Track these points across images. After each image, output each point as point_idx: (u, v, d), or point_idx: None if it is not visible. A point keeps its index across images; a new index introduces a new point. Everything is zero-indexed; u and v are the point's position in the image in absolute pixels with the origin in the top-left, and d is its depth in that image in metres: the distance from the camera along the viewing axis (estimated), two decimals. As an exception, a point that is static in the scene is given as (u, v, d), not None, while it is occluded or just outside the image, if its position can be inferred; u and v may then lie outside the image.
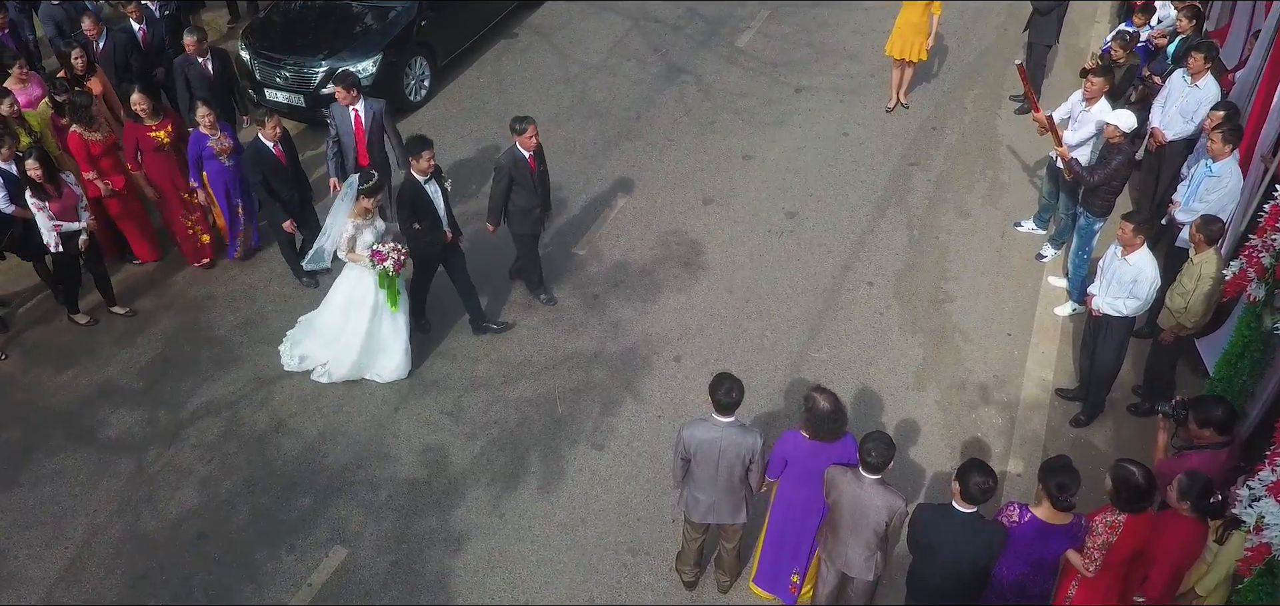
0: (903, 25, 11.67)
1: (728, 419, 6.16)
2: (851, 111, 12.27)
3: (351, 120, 9.46)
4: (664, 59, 13.44)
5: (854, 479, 5.91)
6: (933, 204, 10.71)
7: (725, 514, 6.50)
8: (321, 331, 8.72)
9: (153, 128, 9.22)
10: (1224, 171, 8.13)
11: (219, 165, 9.30)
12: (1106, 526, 5.54)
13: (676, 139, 11.84)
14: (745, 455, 6.20)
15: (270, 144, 8.91)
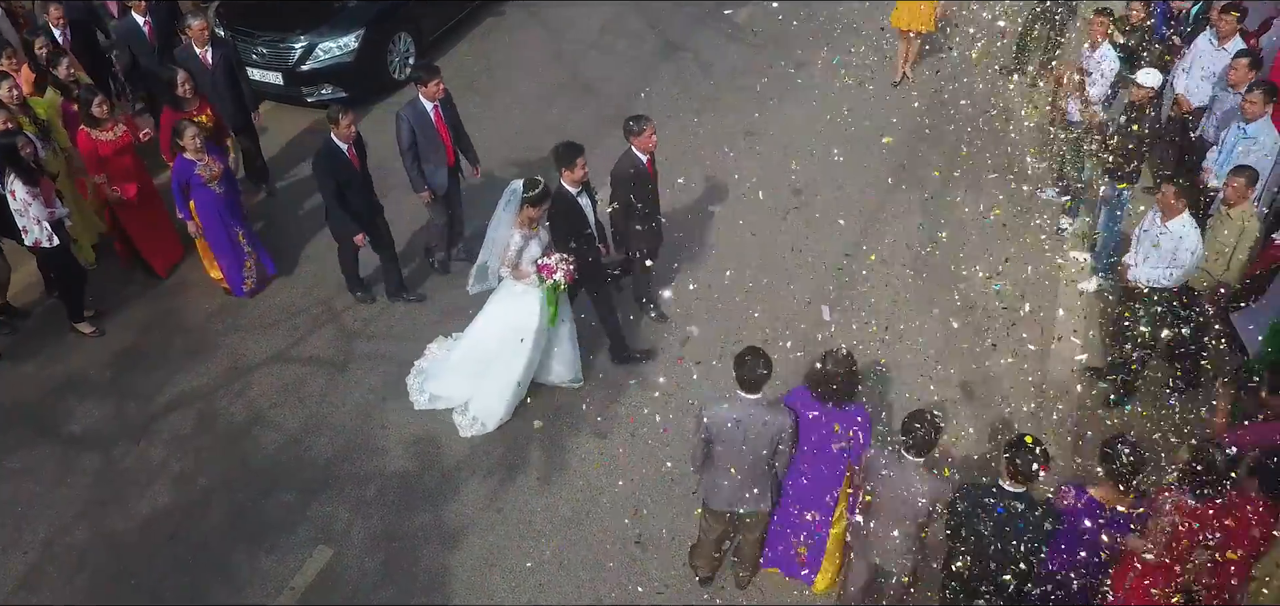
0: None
1: (754, 396, 5.65)
2: (850, 90, 11.72)
3: (433, 117, 8.42)
4: (660, 36, 12.91)
5: (895, 462, 5.45)
6: (945, 178, 10.21)
7: (750, 501, 5.97)
8: (464, 366, 7.70)
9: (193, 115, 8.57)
10: (1260, 132, 7.70)
11: (210, 194, 8.22)
12: (1174, 507, 5.04)
13: (676, 116, 11.31)
14: (774, 436, 5.69)
15: (344, 146, 7.91)
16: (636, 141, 7.71)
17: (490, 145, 10.35)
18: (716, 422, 5.72)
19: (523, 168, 10.37)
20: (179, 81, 8.55)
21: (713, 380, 7.69)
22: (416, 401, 7.80)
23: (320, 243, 9.32)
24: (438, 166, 8.49)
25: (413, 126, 8.24)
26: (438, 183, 8.55)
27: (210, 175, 8.15)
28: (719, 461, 5.86)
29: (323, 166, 7.92)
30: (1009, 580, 5.26)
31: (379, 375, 8.06)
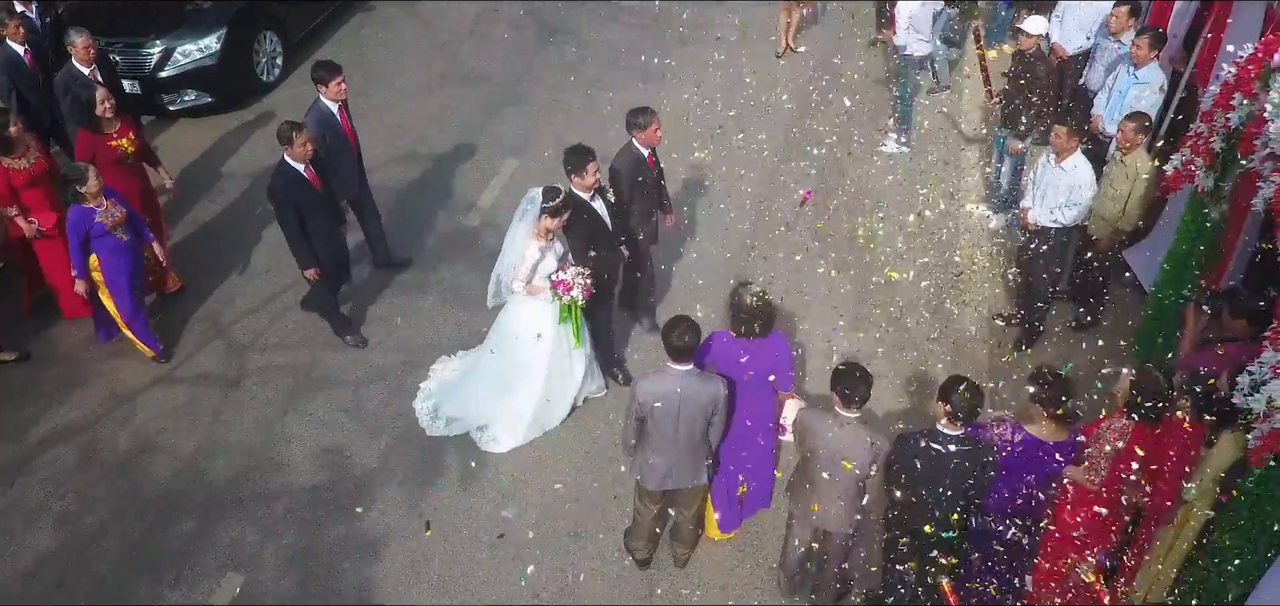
0: None
1: (685, 366, 5.46)
2: (744, 59, 11.74)
3: (338, 118, 7.81)
4: (538, 21, 12.62)
5: (832, 421, 5.33)
6: (841, 142, 10.28)
7: (685, 476, 5.79)
8: (482, 386, 7.18)
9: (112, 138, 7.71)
10: (1151, 77, 7.95)
11: (114, 243, 7.21)
12: (1114, 432, 5.10)
13: (564, 99, 11.06)
14: (707, 405, 5.53)
15: (301, 166, 7.12)
16: (640, 135, 7.23)
17: (373, 142, 9.90)
18: (649, 397, 5.51)
19: (410, 161, 10.00)
20: (99, 100, 7.59)
21: (635, 361, 7.52)
22: (430, 428, 7.21)
23: (203, 252, 8.78)
24: (348, 171, 8.00)
25: (320, 130, 7.67)
26: (349, 187, 8.06)
27: (113, 222, 7.13)
28: (653, 438, 5.65)
29: (281, 195, 7.11)
30: (956, 519, 5.24)
31: (276, 388, 7.56)
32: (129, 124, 7.95)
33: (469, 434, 7.17)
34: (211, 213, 9.35)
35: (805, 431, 5.47)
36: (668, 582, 6.30)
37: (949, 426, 5.10)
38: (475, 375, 7.28)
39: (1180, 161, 6.66)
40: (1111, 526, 5.49)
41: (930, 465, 5.13)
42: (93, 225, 7.03)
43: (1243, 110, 5.92)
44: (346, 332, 7.92)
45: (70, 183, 6.95)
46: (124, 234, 7.22)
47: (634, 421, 5.64)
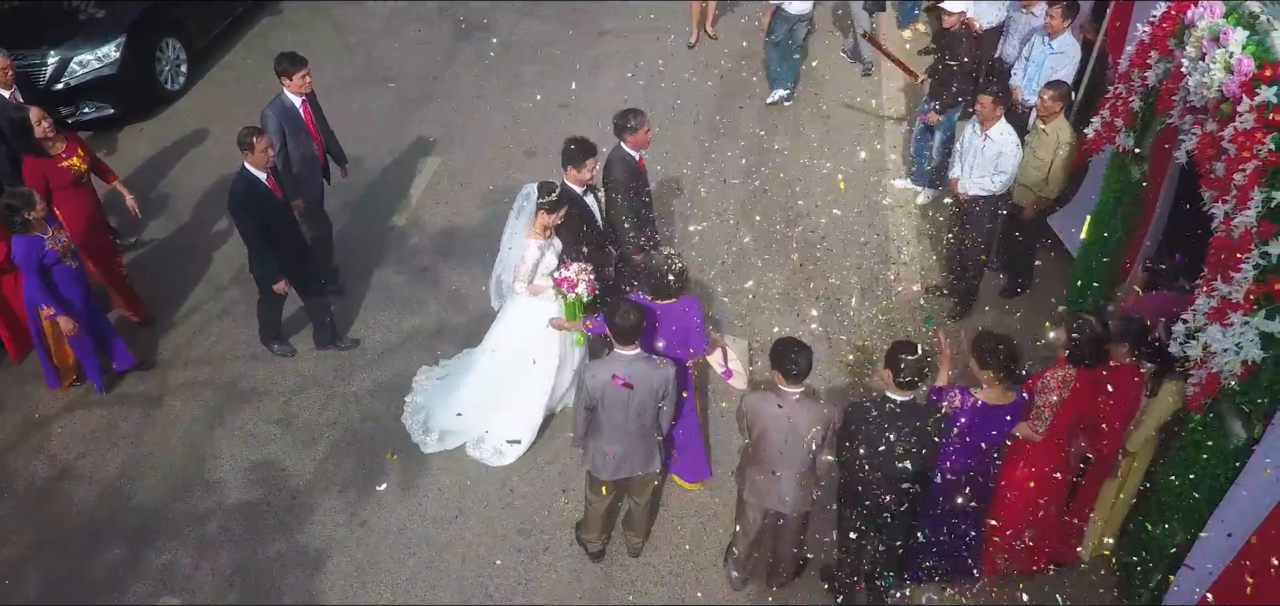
0: None
1: (633, 350, 5.37)
2: (663, 49, 11.70)
3: (302, 113, 7.50)
4: (452, 18, 12.37)
5: (777, 399, 5.26)
6: (764, 128, 10.29)
7: (638, 464, 5.70)
8: (476, 396, 6.86)
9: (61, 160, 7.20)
10: (1066, 46, 8.12)
11: (66, 272, 6.68)
12: (1058, 381, 5.18)
13: (484, 95, 10.88)
14: (658, 390, 5.44)
15: (262, 175, 6.76)
16: (631, 139, 6.92)
17: None
18: (598, 385, 5.40)
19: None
20: (35, 122, 7.08)
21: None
22: (424, 443, 6.90)
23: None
24: (310, 169, 7.66)
25: (282, 124, 7.35)
26: (313, 186, 7.73)
27: (63, 248, 6.62)
28: (603, 427, 5.55)
29: (243, 204, 6.73)
30: (907, 488, 5.25)
31: (201, 404, 7.25)
32: (74, 140, 7.48)
33: (464, 448, 6.89)
34: (124, 227, 8.90)
35: (752, 415, 5.39)
36: (623, 573, 6.21)
37: (897, 392, 5.10)
38: (471, 382, 6.93)
39: (1100, 123, 6.83)
40: (1061, 479, 5.57)
41: (881, 432, 5.11)
42: (45, 253, 6.51)
43: (1159, 68, 6.09)
44: (275, 341, 7.61)
45: (15, 210, 6.35)
46: (73, 261, 6.75)
47: (583, 411, 5.52)
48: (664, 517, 6.50)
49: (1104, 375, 5.33)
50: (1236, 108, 4.89)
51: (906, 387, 5.07)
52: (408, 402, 7.18)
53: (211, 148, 10.02)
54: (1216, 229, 5.03)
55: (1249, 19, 5.12)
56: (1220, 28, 5.20)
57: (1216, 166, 5.07)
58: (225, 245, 8.67)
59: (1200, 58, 5.35)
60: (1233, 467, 4.91)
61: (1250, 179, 4.74)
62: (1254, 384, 4.67)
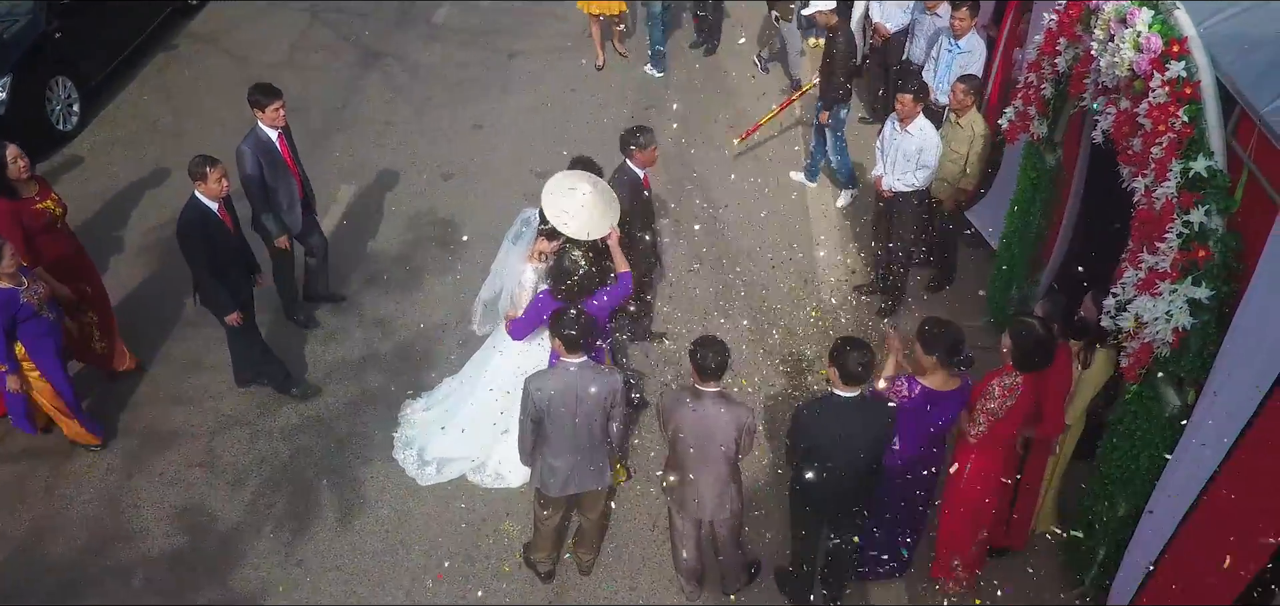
0: None
1: (579, 359, 5.27)
2: (574, 69, 11.66)
3: (278, 146, 7.26)
4: (356, 46, 12.14)
5: (691, 398, 5.18)
6: (682, 142, 10.32)
7: (588, 479, 5.56)
8: (474, 424, 6.60)
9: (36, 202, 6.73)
10: (973, 45, 8.34)
11: (43, 326, 6.34)
12: (1003, 390, 5.18)
13: (394, 121, 10.67)
14: (605, 398, 5.32)
15: (214, 205, 6.54)
16: (639, 156, 6.93)
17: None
18: (545, 395, 5.27)
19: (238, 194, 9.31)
20: (10, 160, 6.59)
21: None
22: (420, 477, 6.68)
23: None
24: (290, 203, 7.40)
25: (258, 159, 7.10)
26: (292, 222, 7.48)
27: (40, 299, 6.29)
28: (551, 440, 5.41)
29: (194, 233, 6.48)
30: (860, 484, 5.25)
31: (116, 452, 6.88)
32: (46, 183, 7.06)
33: (465, 477, 6.70)
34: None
35: (666, 414, 5.31)
36: (575, 593, 6.08)
37: (844, 389, 5.09)
38: (469, 412, 6.66)
39: (1014, 113, 7.02)
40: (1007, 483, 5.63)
41: (830, 429, 5.09)
42: (19, 307, 6.14)
43: (1068, 54, 6.28)
44: (293, 385, 7.31)
45: None
46: (50, 312, 6.39)
47: (529, 423, 5.39)
48: (615, 533, 6.39)
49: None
50: (1149, 84, 5.06)
51: (854, 382, 5.06)
52: (397, 438, 6.94)
53: (111, 187, 9.60)
54: (1138, 203, 5.18)
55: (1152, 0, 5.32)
56: (1126, 9, 5.38)
57: (1134, 142, 5.24)
58: (137, 285, 8.31)
59: (1109, 39, 5.53)
60: (1170, 437, 5.03)
61: (1168, 151, 4.90)
62: (1184, 350, 4.82)
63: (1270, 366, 4.24)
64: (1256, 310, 4.47)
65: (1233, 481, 4.51)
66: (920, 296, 8.21)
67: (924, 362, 5.32)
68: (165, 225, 8.07)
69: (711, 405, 5.14)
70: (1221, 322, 4.73)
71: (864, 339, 5.25)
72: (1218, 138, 4.80)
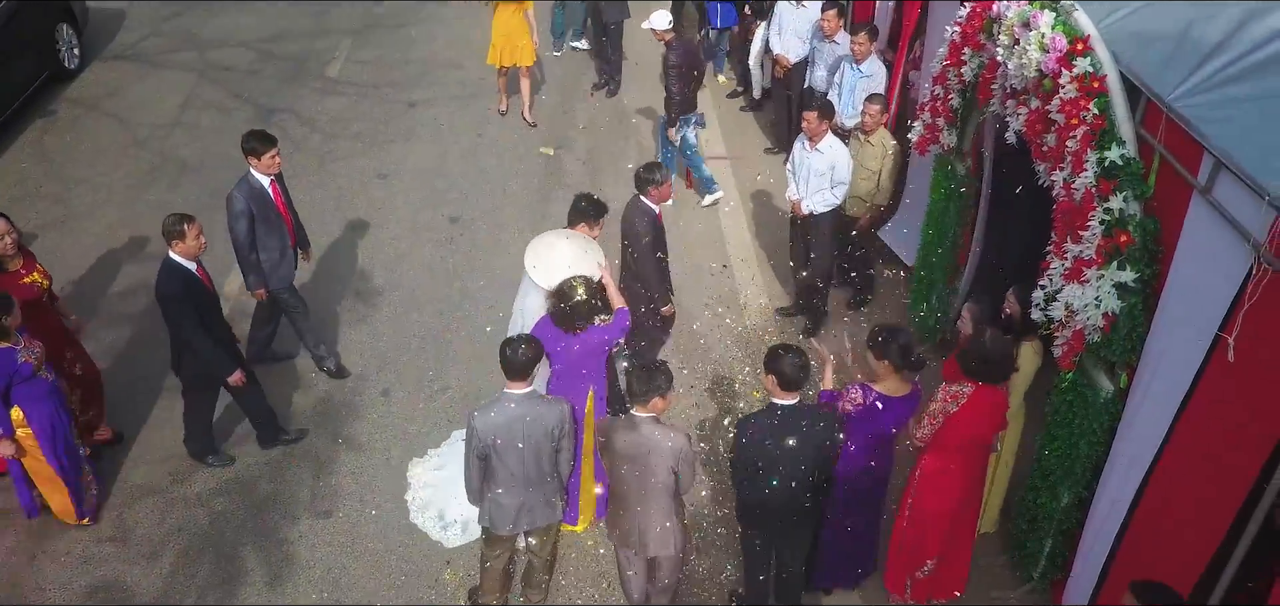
0: (502, 32, 10.80)
1: (525, 387, 5.12)
2: (478, 114, 11.59)
3: (271, 193, 7.04)
4: (249, 103, 11.79)
5: (626, 426, 5.04)
6: (592, 180, 10.32)
7: (539, 514, 5.38)
8: None
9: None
10: (874, 69, 8.57)
11: (43, 387, 5.99)
12: (948, 394, 5.23)
13: (295, 174, 10.28)
14: (553, 429, 5.15)
15: (191, 265, 6.23)
16: (654, 192, 6.88)
17: (87, 246, 9.00)
18: (487, 429, 5.10)
19: (135, 258, 8.93)
20: (1, 232, 6.25)
21: (436, 411, 7.09)
22: (445, 539, 6.38)
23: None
24: (283, 253, 7.12)
25: (249, 206, 6.85)
26: (284, 273, 7.18)
27: (39, 361, 5.93)
28: (498, 475, 5.22)
29: (176, 295, 6.14)
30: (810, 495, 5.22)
31: (17, 533, 6.40)
32: (30, 255, 6.63)
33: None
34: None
35: (604, 442, 5.18)
36: (524, 631, 5.90)
37: (784, 396, 5.06)
38: None
39: (922, 127, 7.22)
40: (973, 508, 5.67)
41: (778, 439, 5.04)
42: (16, 367, 5.77)
43: (974, 63, 6.50)
44: (211, 453, 6.92)
45: None
46: (48, 373, 6.03)
47: (474, 460, 5.20)
48: (564, 567, 6.23)
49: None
50: (1057, 81, 5.27)
51: (793, 388, 5.05)
52: (409, 502, 6.65)
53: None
54: (1057, 196, 5.37)
55: (1051, 2, 5.55)
56: (1029, 13, 5.60)
57: (1048, 138, 5.44)
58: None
59: (1014, 44, 5.75)
60: (1107, 422, 5.17)
61: (1083, 143, 5.08)
62: (1115, 334, 4.97)
63: (1201, 341, 4.41)
64: (1181, 287, 4.66)
65: (1177, 461, 4.65)
66: (841, 315, 8.32)
67: (878, 369, 5.35)
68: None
69: (647, 431, 5.02)
70: (1147, 305, 4.91)
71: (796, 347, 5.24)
72: (1127, 127, 5.01)
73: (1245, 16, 4.77)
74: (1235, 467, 4.26)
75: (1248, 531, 4.32)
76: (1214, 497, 4.41)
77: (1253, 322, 4.08)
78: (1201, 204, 4.52)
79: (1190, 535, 4.57)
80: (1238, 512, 4.32)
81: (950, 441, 5.33)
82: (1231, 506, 4.29)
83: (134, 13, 14.17)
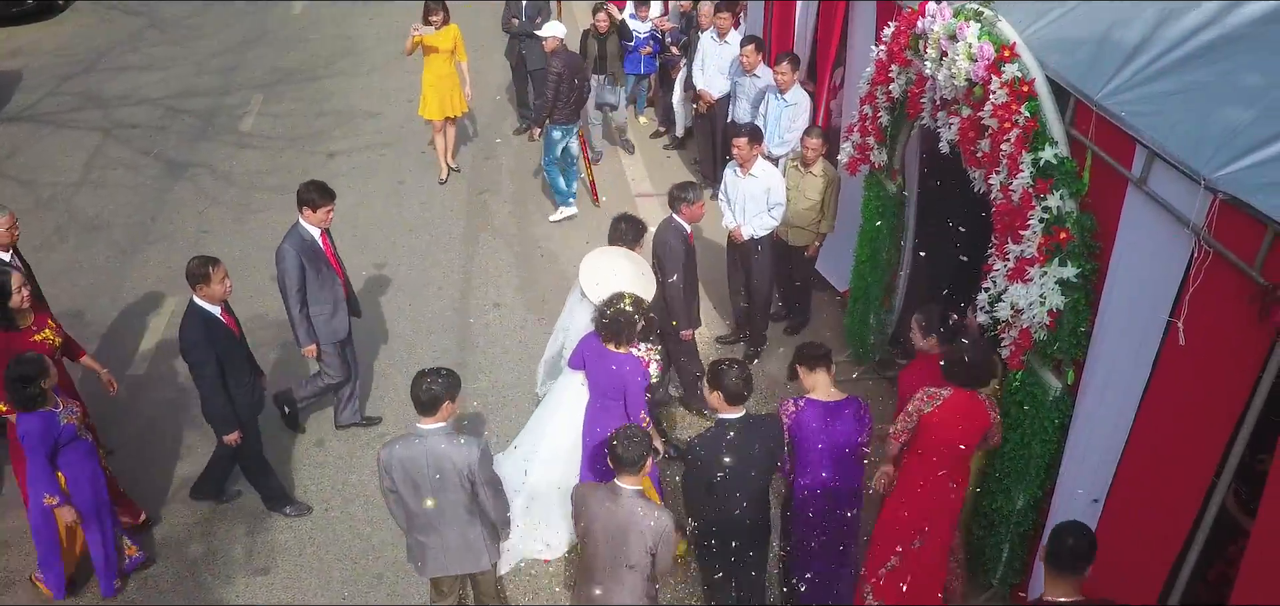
0: (433, 83, 10.56)
1: (433, 423, 4.84)
2: (397, 163, 11.41)
3: (322, 245, 6.83)
4: (159, 160, 11.42)
5: (607, 495, 4.72)
6: (520, 221, 10.24)
7: (461, 560, 5.12)
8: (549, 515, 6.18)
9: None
10: (797, 99, 8.67)
11: (84, 448, 5.64)
12: (927, 396, 5.23)
13: (211, 230, 10.04)
14: (462, 470, 4.84)
15: (216, 309, 6.01)
16: (686, 211, 6.90)
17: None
18: (393, 462, 4.85)
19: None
20: (15, 288, 5.84)
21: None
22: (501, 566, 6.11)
23: None
24: (335, 306, 6.86)
25: (301, 259, 6.61)
26: (337, 326, 6.89)
27: (79, 421, 5.60)
28: (413, 514, 4.99)
29: (200, 340, 5.91)
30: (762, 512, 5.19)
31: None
32: (44, 310, 6.29)
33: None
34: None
35: (578, 507, 4.87)
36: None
37: (731, 410, 5.03)
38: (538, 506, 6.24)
39: (852, 148, 7.32)
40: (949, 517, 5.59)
41: (725, 453, 4.99)
42: (60, 430, 5.42)
43: (902, 78, 6.63)
44: (286, 504, 6.64)
45: (28, 380, 5.28)
46: (87, 433, 5.70)
47: (389, 495, 4.98)
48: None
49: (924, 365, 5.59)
50: (987, 87, 5.39)
51: (738, 401, 5.01)
52: None
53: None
54: (995, 200, 5.47)
55: (976, 14, 5.70)
56: (955, 26, 5.74)
57: (981, 144, 5.55)
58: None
59: (942, 56, 5.88)
60: (1057, 419, 5.23)
61: (1017, 145, 5.20)
62: (1060, 330, 5.06)
63: (1152, 330, 4.50)
64: (1124, 279, 4.77)
65: (1140, 452, 4.71)
66: (779, 344, 8.33)
67: (809, 381, 5.36)
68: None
69: (630, 504, 4.66)
70: (1090, 300, 5.01)
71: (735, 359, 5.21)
72: (1058, 128, 5.15)
73: (1161, 18, 4.97)
74: (1197, 454, 4.32)
75: (1206, 518, 4.39)
76: (1178, 486, 4.46)
77: (1199, 305, 4.19)
78: (1137, 195, 4.65)
79: (1156, 526, 4.60)
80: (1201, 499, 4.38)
81: (923, 442, 5.30)
82: (1197, 494, 4.34)
83: (32, 74, 13.66)
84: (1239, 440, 4.11)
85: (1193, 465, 4.33)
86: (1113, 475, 4.89)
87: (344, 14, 16.03)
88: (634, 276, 6.18)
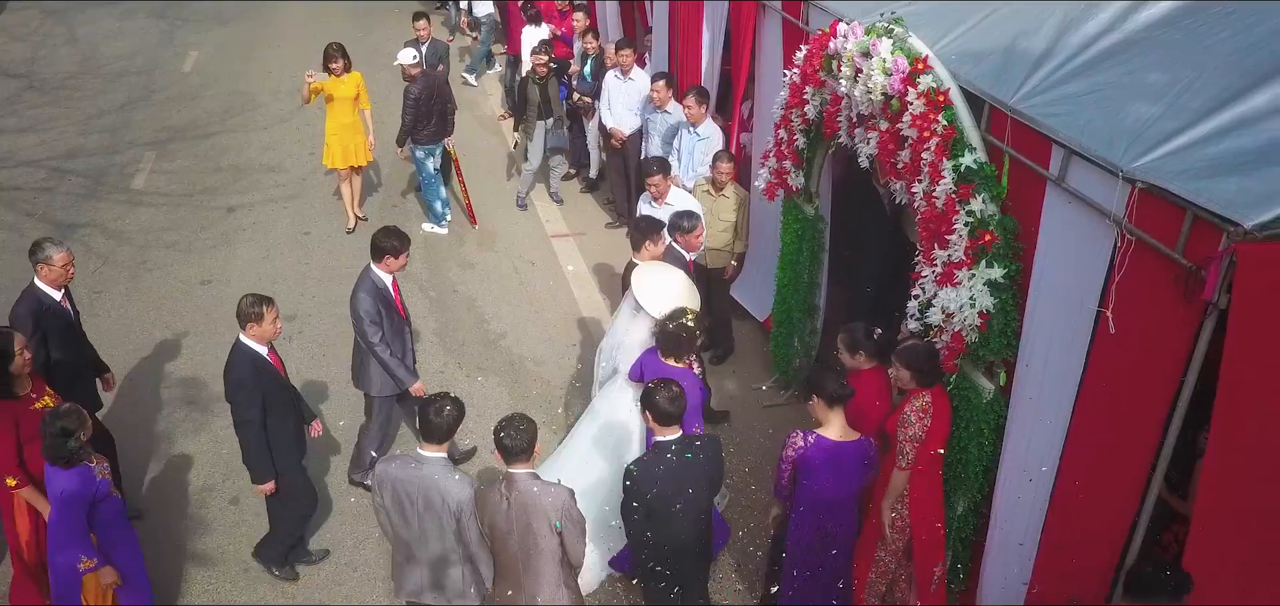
0: (336, 132, 10.30)
1: (437, 452, 4.72)
2: (301, 214, 11.07)
3: (392, 292, 6.60)
4: (44, 221, 10.83)
5: (505, 488, 4.65)
6: (433, 267, 10.03)
7: (440, 591, 4.91)
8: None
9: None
10: (710, 132, 8.73)
11: (116, 506, 5.28)
12: (918, 413, 5.23)
13: (105, 289, 9.55)
14: (453, 506, 4.69)
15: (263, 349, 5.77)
16: (683, 239, 6.93)
17: None
18: (388, 479, 4.75)
19: None
20: (16, 350, 5.40)
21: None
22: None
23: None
24: (403, 354, 6.67)
25: (377, 306, 6.45)
26: (408, 374, 6.62)
27: (111, 480, 5.27)
28: (399, 537, 4.86)
29: (247, 379, 5.61)
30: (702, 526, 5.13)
31: None
32: (39, 377, 5.79)
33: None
34: None
35: (479, 508, 4.73)
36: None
37: (662, 431, 5.00)
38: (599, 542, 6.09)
39: (769, 173, 7.38)
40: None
41: (667, 472, 4.97)
42: (97, 485, 5.07)
43: (816, 100, 6.72)
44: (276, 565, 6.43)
45: (69, 433, 4.90)
46: (118, 490, 5.43)
47: (380, 510, 4.83)
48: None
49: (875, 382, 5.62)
50: (904, 99, 5.51)
51: (670, 422, 4.98)
52: None
53: None
54: (919, 208, 5.56)
55: (887, 31, 5.82)
56: (867, 44, 5.85)
57: (902, 155, 5.65)
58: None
59: (856, 74, 5.99)
60: (993, 421, 5.28)
61: (938, 152, 5.31)
62: (991, 332, 5.13)
63: (1082, 324, 4.60)
64: (1049, 276, 4.88)
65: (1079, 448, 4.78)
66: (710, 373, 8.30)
67: (822, 415, 5.26)
68: None
69: (523, 490, 4.63)
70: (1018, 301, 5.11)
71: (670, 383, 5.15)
72: (975, 135, 5.26)
73: (1063, 25, 5.19)
74: (1136, 439, 4.39)
75: (1147, 504, 4.48)
76: (1120, 474, 4.52)
77: (1126, 292, 4.30)
78: (1057, 193, 4.78)
79: (1103, 518, 4.65)
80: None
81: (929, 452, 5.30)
82: (1139, 480, 4.40)
83: (-104, 139, 12.89)
84: (1175, 419, 4.21)
85: (1132, 451, 4.41)
86: (1055, 472, 4.95)
87: (236, 73, 15.61)
88: (685, 289, 6.31)
